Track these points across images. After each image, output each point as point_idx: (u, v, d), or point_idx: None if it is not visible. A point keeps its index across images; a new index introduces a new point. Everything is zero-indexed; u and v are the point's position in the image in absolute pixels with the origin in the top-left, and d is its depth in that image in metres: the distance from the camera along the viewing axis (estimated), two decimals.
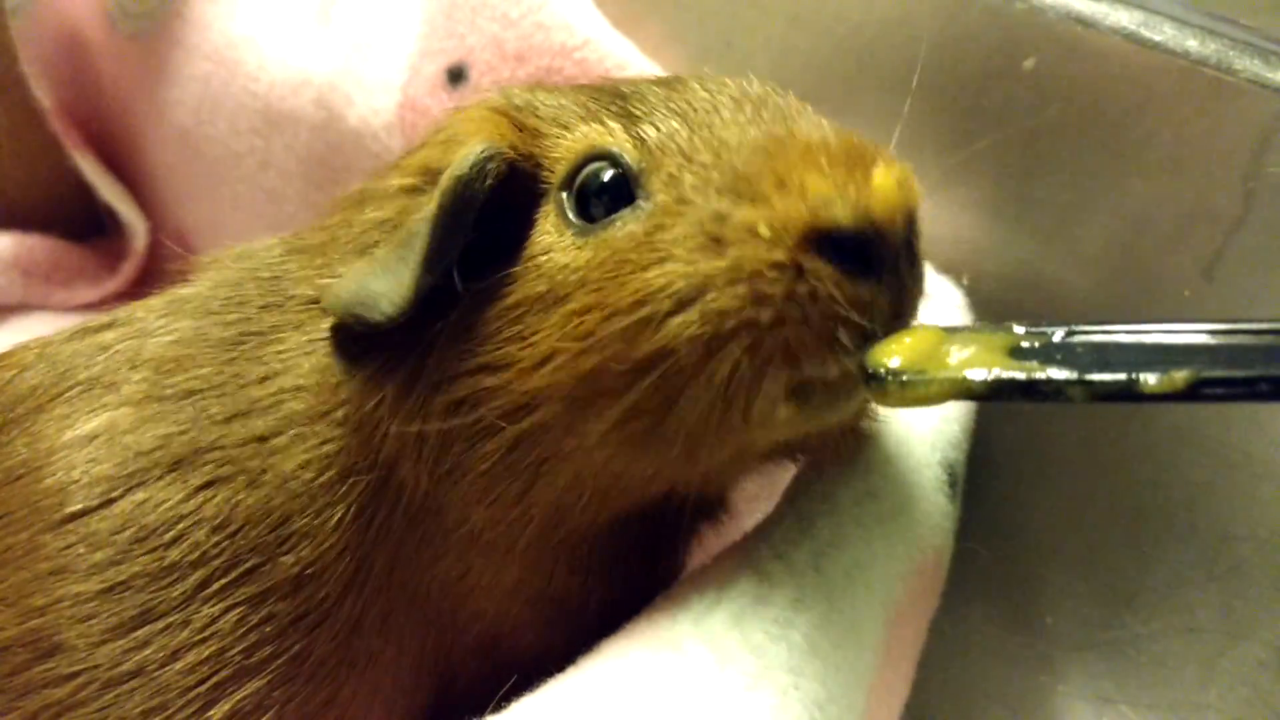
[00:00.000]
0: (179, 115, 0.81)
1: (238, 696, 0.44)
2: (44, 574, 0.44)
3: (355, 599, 0.45)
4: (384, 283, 0.42)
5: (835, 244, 0.36)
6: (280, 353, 0.46)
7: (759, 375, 0.37)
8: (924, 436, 0.50)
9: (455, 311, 0.42)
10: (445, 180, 0.41)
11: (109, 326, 0.50)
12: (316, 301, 0.47)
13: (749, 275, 0.36)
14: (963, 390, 0.36)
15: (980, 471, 0.56)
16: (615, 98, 0.44)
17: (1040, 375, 0.35)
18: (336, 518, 0.45)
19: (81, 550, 0.44)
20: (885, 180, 0.36)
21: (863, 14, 0.58)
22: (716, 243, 0.37)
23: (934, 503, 0.49)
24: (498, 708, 0.39)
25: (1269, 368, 0.33)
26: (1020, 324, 0.37)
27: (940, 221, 0.59)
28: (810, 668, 0.38)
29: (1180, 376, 0.33)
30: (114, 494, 0.45)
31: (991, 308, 0.57)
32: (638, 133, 0.41)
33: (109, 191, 0.90)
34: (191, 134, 0.81)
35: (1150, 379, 0.34)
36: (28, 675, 0.44)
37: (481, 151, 0.42)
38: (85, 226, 0.95)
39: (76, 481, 0.45)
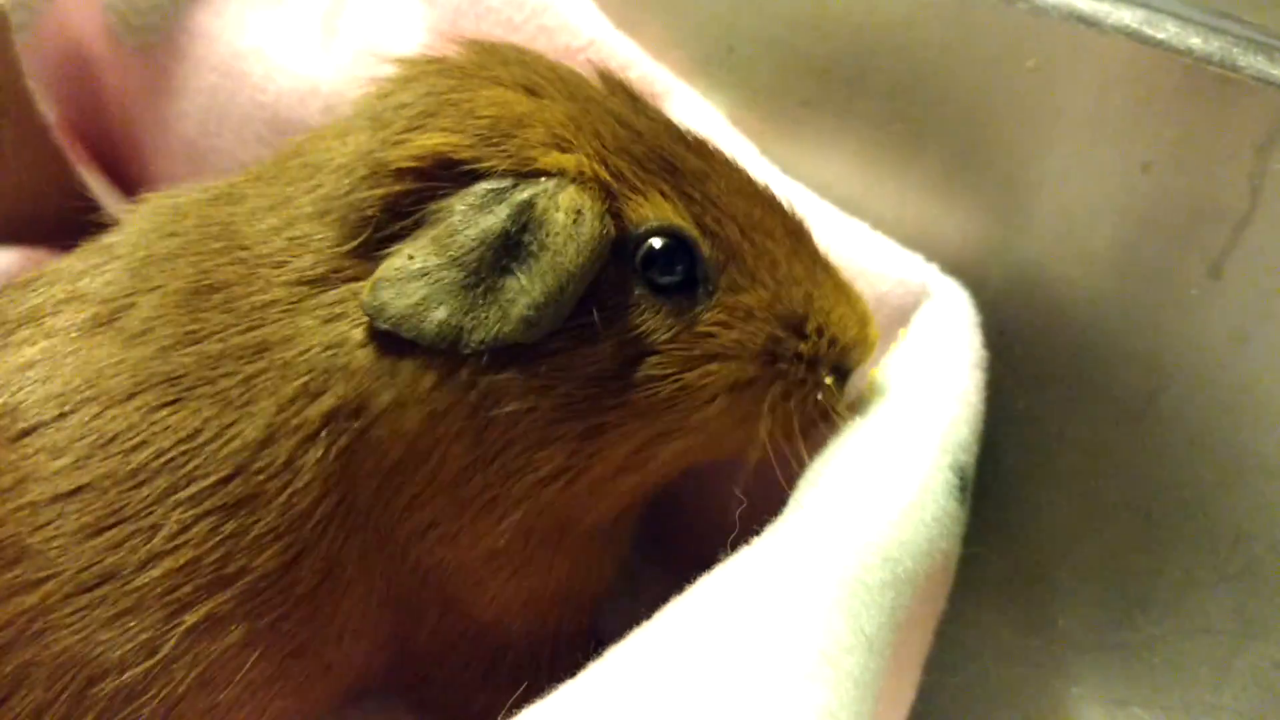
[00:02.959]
0: (185, 127, 0.81)
1: (210, 604, 0.44)
2: (4, 488, 0.44)
3: (338, 530, 0.47)
4: (464, 316, 0.45)
5: (839, 369, 0.53)
6: (263, 306, 0.47)
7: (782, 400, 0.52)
8: (934, 440, 0.50)
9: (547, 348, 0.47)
10: (586, 241, 0.46)
11: (35, 278, 0.51)
12: (296, 256, 0.48)
13: (788, 381, 0.51)
14: None
15: (991, 474, 0.56)
16: (664, 168, 0.50)
17: None
18: (318, 454, 0.46)
19: (41, 459, 0.45)
20: (874, 333, 0.54)
21: (864, 16, 0.58)
22: (772, 358, 0.51)
23: (944, 507, 0.48)
24: (507, 716, 0.39)
25: None
26: None
27: (945, 223, 0.59)
28: (820, 674, 0.38)
29: None
30: (67, 408, 0.45)
31: (997, 309, 0.57)
32: (706, 224, 0.50)
33: (115, 206, 0.90)
34: (197, 145, 0.81)
35: None
36: None
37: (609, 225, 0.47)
38: (90, 240, 0.95)
39: (24, 401, 0.45)
